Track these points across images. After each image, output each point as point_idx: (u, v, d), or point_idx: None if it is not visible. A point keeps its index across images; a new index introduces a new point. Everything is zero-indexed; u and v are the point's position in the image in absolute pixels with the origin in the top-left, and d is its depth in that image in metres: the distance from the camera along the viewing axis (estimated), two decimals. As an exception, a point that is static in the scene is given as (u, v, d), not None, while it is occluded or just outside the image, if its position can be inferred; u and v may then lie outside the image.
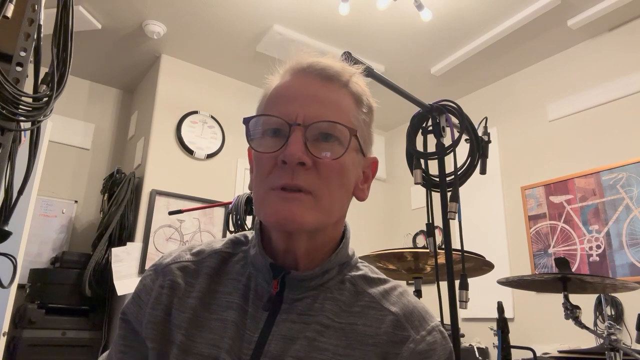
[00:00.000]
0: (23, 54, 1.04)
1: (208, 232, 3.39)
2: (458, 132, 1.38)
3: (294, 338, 0.64)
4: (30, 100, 1.04)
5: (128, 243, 3.13)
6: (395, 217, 4.33)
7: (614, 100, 2.98)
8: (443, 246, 1.31)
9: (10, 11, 0.99)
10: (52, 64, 1.09)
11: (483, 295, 2.36)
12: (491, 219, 3.48)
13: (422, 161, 1.43)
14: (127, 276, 3.01)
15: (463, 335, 2.98)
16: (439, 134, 1.37)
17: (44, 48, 1.10)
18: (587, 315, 2.59)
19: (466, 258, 1.55)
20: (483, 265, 1.73)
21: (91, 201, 3.69)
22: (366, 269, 0.73)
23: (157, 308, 0.68)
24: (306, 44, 3.25)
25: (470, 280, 1.31)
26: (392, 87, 1.33)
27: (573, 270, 2.68)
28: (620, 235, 2.77)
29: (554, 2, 2.83)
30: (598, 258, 2.85)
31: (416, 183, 1.41)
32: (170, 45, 3.46)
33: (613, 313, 2.63)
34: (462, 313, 3.05)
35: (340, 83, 0.69)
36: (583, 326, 1.62)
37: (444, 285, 1.28)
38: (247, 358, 0.63)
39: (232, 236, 0.78)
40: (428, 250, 1.45)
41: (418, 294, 1.75)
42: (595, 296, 2.63)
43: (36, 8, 1.07)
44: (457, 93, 3.90)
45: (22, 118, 1.02)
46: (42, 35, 1.10)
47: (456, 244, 1.37)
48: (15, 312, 2.83)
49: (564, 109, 3.23)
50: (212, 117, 3.63)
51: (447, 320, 1.24)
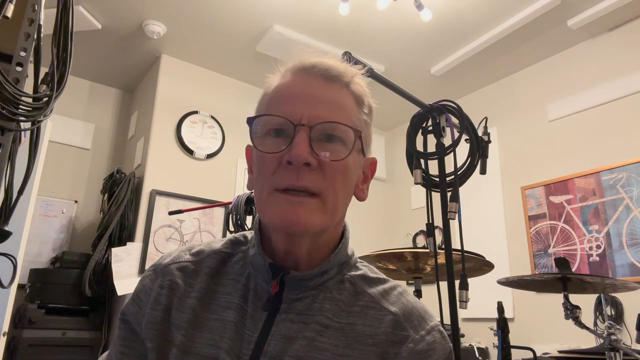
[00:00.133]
0: (23, 54, 1.04)
1: (208, 232, 3.39)
2: (458, 132, 1.38)
3: (294, 338, 0.64)
4: (30, 100, 1.04)
5: (128, 243, 3.13)
6: (395, 217, 4.33)
7: (614, 100, 2.98)
8: (443, 246, 1.31)
9: (10, 11, 0.99)
10: (52, 64, 1.09)
11: (483, 295, 2.36)
12: (491, 219, 3.48)
13: (422, 161, 1.43)
14: (127, 276, 3.01)
15: (463, 335, 2.98)
16: (439, 134, 1.37)
17: (44, 48, 1.10)
18: (587, 315, 2.59)
19: (466, 258, 1.55)
20: (483, 265, 1.73)
21: (91, 201, 3.69)
22: (365, 269, 0.73)
23: (157, 308, 0.68)
24: (306, 44, 3.25)
25: (470, 280, 1.31)
26: (392, 87, 1.33)
27: (573, 270, 2.68)
28: (620, 235, 2.77)
29: (554, 2, 2.83)
30: (598, 258, 2.85)
31: (416, 183, 1.41)
32: (170, 45, 3.46)
33: (613, 313, 2.63)
34: (462, 313, 3.05)
35: (342, 83, 0.69)
36: (583, 326, 1.62)
37: (444, 285, 1.28)
38: (247, 358, 0.63)
39: (232, 236, 0.78)
40: (428, 250, 1.45)
41: (418, 294, 1.75)
42: (595, 296, 2.63)
43: (36, 8, 1.07)
44: (457, 93, 3.90)
45: (22, 118, 1.02)
46: (42, 35, 1.10)
47: (456, 244, 1.37)
48: (15, 312, 2.83)
49: (564, 109, 3.23)
50: (212, 117, 3.64)
51: (447, 320, 1.24)
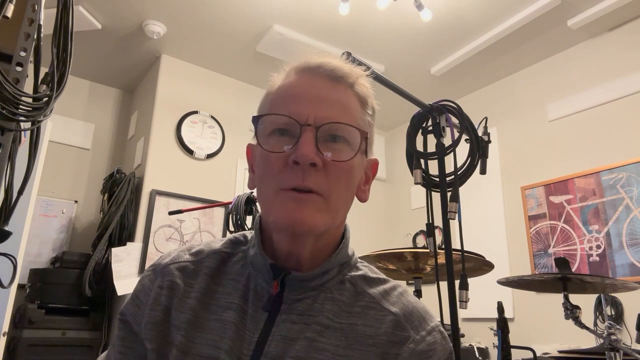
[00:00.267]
0: (23, 54, 1.04)
1: (208, 232, 3.39)
2: (458, 132, 1.38)
3: (294, 338, 0.63)
4: (30, 100, 1.04)
5: (128, 243, 3.13)
6: (395, 217, 4.33)
7: (614, 100, 2.98)
8: (443, 246, 1.31)
9: (10, 11, 0.99)
10: (52, 64, 1.09)
11: (483, 295, 2.36)
12: (491, 219, 3.48)
13: (422, 161, 1.43)
14: (127, 276, 3.01)
15: (463, 335, 2.98)
16: (439, 134, 1.37)
17: (44, 48, 1.10)
18: (587, 315, 2.59)
19: (466, 258, 1.55)
20: (483, 265, 1.73)
21: (91, 201, 3.69)
22: (366, 269, 0.73)
23: (156, 309, 0.68)
24: (306, 44, 3.25)
25: (470, 280, 1.31)
26: (392, 87, 1.33)
27: (573, 270, 2.68)
28: (620, 235, 2.77)
29: (554, 2, 2.83)
30: (598, 258, 2.85)
31: (416, 183, 1.41)
32: (170, 45, 3.46)
33: (613, 313, 2.63)
34: (462, 313, 3.05)
35: (347, 84, 0.69)
36: (583, 326, 1.62)
37: (444, 285, 1.28)
38: (247, 359, 0.63)
39: (231, 236, 0.77)
40: (428, 250, 1.45)
41: (418, 294, 1.75)
42: (595, 296, 2.63)
43: (36, 8, 1.07)
44: (457, 93, 3.90)
45: (22, 118, 1.02)
46: (42, 35, 1.10)
47: (456, 244, 1.37)
48: (15, 312, 2.83)
49: (564, 109, 3.23)
50: (212, 117, 3.63)
51: (447, 320, 1.24)
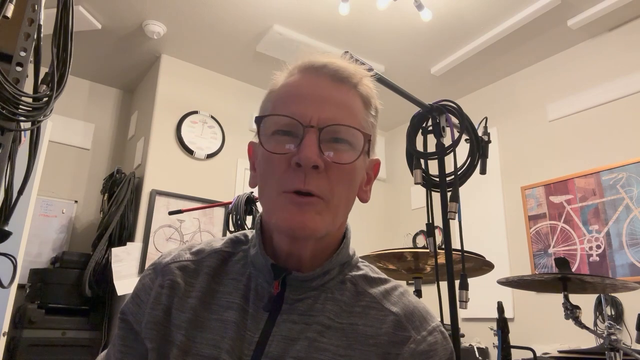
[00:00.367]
0: (23, 54, 1.04)
1: (208, 232, 3.39)
2: (458, 132, 1.38)
3: (295, 339, 0.63)
4: (30, 100, 1.04)
5: (128, 243, 3.13)
6: (395, 217, 4.33)
7: (614, 100, 2.98)
8: (443, 246, 1.31)
9: (10, 11, 0.99)
10: (52, 64, 1.09)
11: (483, 295, 2.36)
12: (491, 219, 3.48)
13: (422, 161, 1.43)
14: (127, 276, 3.01)
15: (463, 335, 2.98)
16: (439, 134, 1.36)
17: (44, 48, 1.10)
18: (587, 315, 2.59)
19: (466, 258, 1.55)
20: (483, 265, 1.73)
21: (91, 201, 3.69)
22: (367, 269, 0.73)
23: (157, 308, 0.68)
24: (306, 44, 3.25)
25: (470, 280, 1.31)
26: (392, 87, 1.33)
27: (573, 270, 2.68)
28: (620, 235, 2.77)
29: (554, 2, 2.83)
30: (598, 258, 2.85)
31: (416, 183, 1.41)
32: (170, 45, 3.46)
33: (613, 313, 2.63)
34: (462, 313, 3.05)
35: (350, 84, 0.68)
36: (583, 326, 1.62)
37: (444, 285, 1.28)
38: (248, 359, 0.63)
39: (232, 235, 0.77)
40: (428, 250, 1.45)
41: (418, 294, 1.75)
42: (595, 296, 2.63)
43: (36, 8, 1.07)
44: (457, 93, 3.90)
45: (22, 118, 1.02)
46: (42, 35, 1.10)
47: (456, 244, 1.37)
48: (15, 312, 2.83)
49: (564, 109, 3.23)
50: (212, 117, 3.63)
51: (447, 320, 1.24)
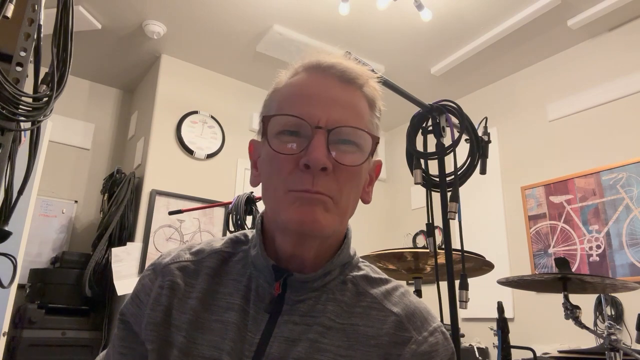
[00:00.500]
0: (23, 54, 1.04)
1: (208, 232, 3.39)
2: (458, 132, 1.38)
3: (296, 340, 0.63)
4: (30, 100, 1.04)
5: (128, 243, 3.13)
6: (395, 217, 4.33)
7: (614, 100, 2.98)
8: (443, 246, 1.31)
9: (10, 11, 0.99)
10: (52, 64, 1.09)
11: (483, 295, 2.36)
12: (491, 219, 3.48)
13: (422, 161, 1.43)
14: (127, 276, 3.01)
15: (463, 335, 2.98)
16: (439, 134, 1.37)
17: (44, 48, 1.10)
18: (587, 315, 2.59)
19: (466, 258, 1.55)
20: (483, 265, 1.73)
21: (91, 201, 3.69)
22: (368, 269, 0.73)
23: (157, 309, 0.68)
24: (306, 44, 3.25)
25: (470, 280, 1.31)
26: (393, 87, 1.33)
27: (573, 270, 2.68)
28: (620, 235, 2.77)
29: (554, 2, 2.83)
30: (598, 258, 2.85)
31: (416, 183, 1.41)
32: (170, 45, 3.46)
33: (613, 313, 2.63)
34: (462, 313, 3.05)
35: (357, 85, 0.68)
36: (583, 326, 1.62)
37: (444, 285, 1.28)
38: None
39: (232, 235, 0.77)
40: (428, 250, 1.45)
41: (418, 294, 1.75)
42: (595, 296, 2.63)
43: (36, 8, 1.07)
44: (457, 93, 3.90)
45: (22, 118, 1.02)
46: (42, 35, 1.10)
47: (456, 244, 1.37)
48: (15, 312, 2.83)
49: (564, 109, 3.23)
50: (212, 117, 3.63)
51: (447, 320, 1.24)
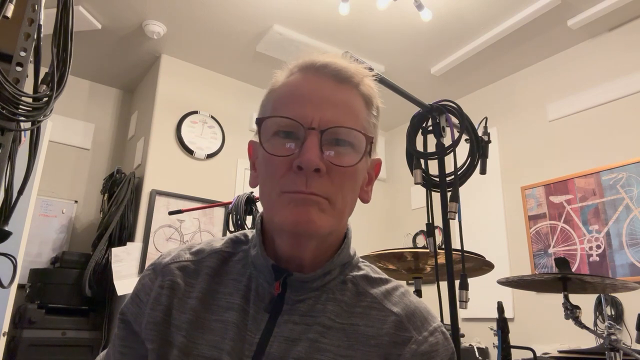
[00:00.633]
0: (23, 54, 1.04)
1: (208, 232, 3.39)
2: (458, 132, 1.38)
3: (296, 339, 0.63)
4: (30, 100, 1.04)
5: (128, 243, 3.13)
6: (395, 217, 4.33)
7: (614, 100, 2.98)
8: (443, 246, 1.31)
9: (10, 11, 0.99)
10: (52, 64, 1.09)
11: (483, 295, 2.36)
12: (491, 219, 3.48)
13: (422, 161, 1.43)
14: (127, 276, 3.01)
15: (463, 335, 2.98)
16: (439, 134, 1.37)
17: (44, 48, 1.10)
18: (587, 315, 2.59)
19: (466, 258, 1.55)
20: (483, 265, 1.73)
21: (91, 201, 3.69)
22: (367, 269, 0.73)
23: (157, 309, 0.68)
24: (306, 44, 3.25)
25: (470, 280, 1.31)
26: (392, 87, 1.33)
27: (573, 270, 2.68)
28: (620, 235, 2.77)
29: (554, 2, 2.83)
30: (598, 258, 2.85)
31: (416, 183, 1.41)
32: (170, 45, 3.46)
33: (613, 313, 2.63)
34: (462, 313, 3.05)
35: (352, 84, 0.68)
36: (583, 326, 1.62)
37: (444, 285, 1.28)
38: None
39: (232, 235, 0.77)
40: (428, 250, 1.45)
41: (418, 294, 1.75)
42: (595, 296, 2.63)
43: (36, 8, 1.07)
44: (457, 93, 3.90)
45: (22, 118, 1.02)
46: (42, 35, 1.10)
47: (456, 244, 1.37)
48: (15, 312, 2.83)
49: (564, 109, 3.23)
50: (212, 117, 3.63)
51: (447, 320, 1.24)
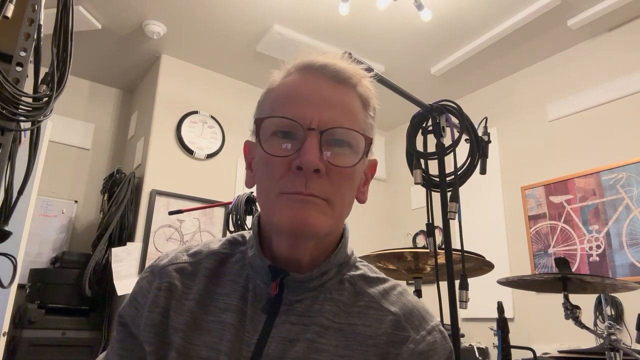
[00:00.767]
0: (23, 54, 1.04)
1: (208, 232, 3.39)
2: (458, 132, 1.38)
3: (294, 340, 0.63)
4: (30, 100, 1.04)
5: (128, 243, 3.13)
6: (395, 217, 4.33)
7: (614, 100, 2.98)
8: (443, 246, 1.31)
9: (10, 11, 0.99)
10: (52, 64, 1.09)
11: (483, 295, 2.36)
12: (491, 219, 3.48)
13: (422, 161, 1.43)
14: (127, 276, 3.01)
15: (463, 335, 2.98)
16: (439, 134, 1.36)
17: (44, 48, 1.10)
18: (587, 315, 2.59)
19: (466, 258, 1.55)
20: (483, 265, 1.73)
21: (91, 201, 3.69)
22: (365, 268, 0.73)
23: (155, 311, 0.68)
24: (306, 44, 3.25)
25: (470, 280, 1.31)
26: (393, 87, 1.33)
27: (573, 270, 2.68)
28: (620, 235, 2.77)
29: (554, 2, 2.83)
30: (598, 258, 2.85)
31: (416, 183, 1.41)
32: (170, 45, 3.46)
33: (613, 313, 2.63)
34: (462, 313, 3.05)
35: (350, 85, 0.68)
36: (583, 326, 1.62)
37: (444, 285, 1.28)
38: None
39: (230, 236, 0.77)
40: (428, 250, 1.45)
41: (418, 294, 1.75)
42: (595, 296, 2.63)
43: (36, 8, 1.07)
44: (457, 93, 3.90)
45: (22, 118, 1.02)
46: (42, 35, 1.10)
47: (456, 244, 1.37)
48: (15, 312, 2.83)
49: (564, 109, 3.23)
50: (212, 117, 3.63)
51: (447, 320, 1.24)
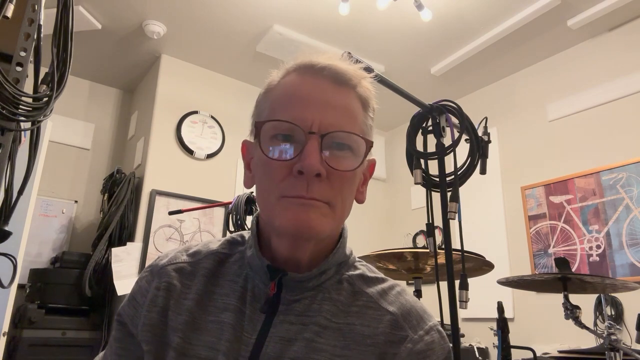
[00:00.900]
0: (23, 54, 1.04)
1: (208, 232, 3.39)
2: (458, 132, 1.38)
3: (292, 340, 0.63)
4: (30, 100, 1.04)
5: (128, 243, 3.13)
6: (395, 217, 4.33)
7: (614, 100, 2.98)
8: (443, 246, 1.31)
9: (10, 11, 1.00)
10: (52, 64, 1.09)
11: (483, 295, 2.36)
12: (491, 219, 3.48)
13: (422, 161, 1.43)
14: (127, 276, 3.01)
15: (463, 335, 2.98)
16: (439, 134, 1.36)
17: (44, 48, 1.10)
18: (587, 315, 2.59)
19: (466, 258, 1.55)
20: (483, 265, 1.73)
21: (91, 201, 3.69)
22: (364, 268, 0.73)
23: (153, 310, 0.68)
24: (306, 44, 3.25)
25: (470, 280, 1.31)
26: (392, 87, 1.33)
27: (573, 270, 2.68)
28: (620, 235, 2.77)
29: (554, 2, 2.83)
30: (598, 258, 2.85)
31: (416, 183, 1.41)
32: (170, 45, 3.46)
33: (613, 313, 2.63)
34: (462, 313, 3.06)
35: (350, 86, 0.68)
36: (583, 326, 1.62)
37: (444, 285, 1.28)
38: None
39: (229, 236, 0.77)
40: (428, 250, 1.45)
41: (418, 294, 1.75)
42: (595, 296, 2.63)
43: (36, 8, 1.07)
44: (457, 93, 3.90)
45: (22, 118, 1.02)
46: (42, 35, 1.10)
47: (456, 244, 1.37)
48: (15, 312, 2.83)
49: (564, 109, 3.23)
50: (212, 117, 3.64)
51: (447, 320, 1.24)
